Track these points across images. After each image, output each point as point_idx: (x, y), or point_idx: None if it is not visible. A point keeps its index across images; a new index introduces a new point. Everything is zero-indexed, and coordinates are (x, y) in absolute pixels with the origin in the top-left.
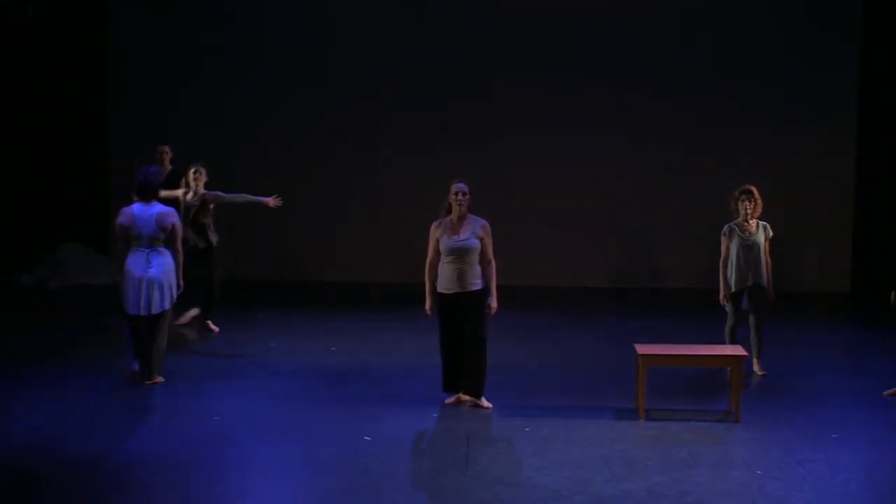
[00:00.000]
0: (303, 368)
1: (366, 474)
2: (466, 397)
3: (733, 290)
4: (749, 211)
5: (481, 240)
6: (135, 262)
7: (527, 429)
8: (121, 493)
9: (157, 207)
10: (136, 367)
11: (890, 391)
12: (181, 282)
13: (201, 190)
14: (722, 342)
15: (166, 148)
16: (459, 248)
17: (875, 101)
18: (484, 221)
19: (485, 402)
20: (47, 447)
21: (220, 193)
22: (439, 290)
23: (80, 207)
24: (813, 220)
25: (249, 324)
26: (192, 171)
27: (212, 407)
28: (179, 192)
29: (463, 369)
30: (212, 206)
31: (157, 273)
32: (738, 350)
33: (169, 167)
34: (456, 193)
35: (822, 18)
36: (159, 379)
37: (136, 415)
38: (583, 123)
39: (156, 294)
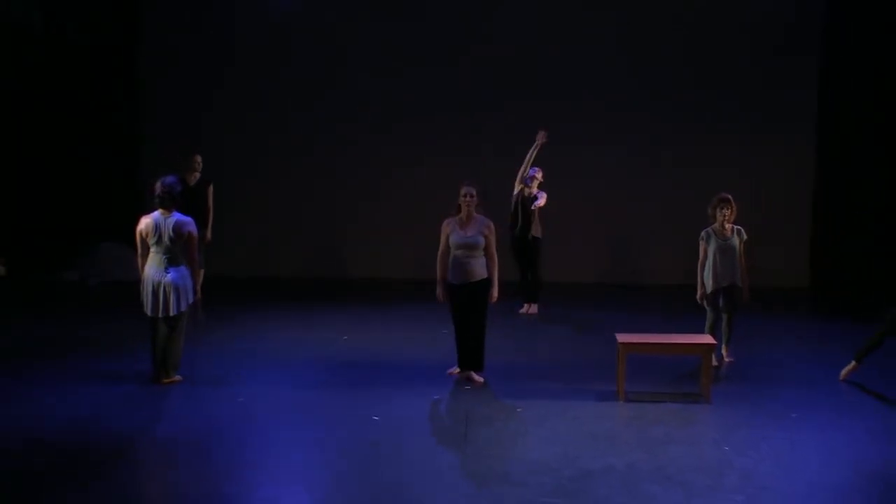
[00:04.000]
0: (318, 356)
1: (374, 451)
2: (465, 371)
3: (710, 290)
4: (726, 217)
5: (486, 237)
6: (153, 268)
7: (519, 409)
8: (159, 464)
9: (176, 216)
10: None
11: (844, 372)
12: (197, 287)
13: (535, 189)
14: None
15: (199, 157)
16: (466, 243)
17: (833, 110)
18: (488, 221)
19: (477, 377)
20: (88, 427)
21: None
22: (449, 280)
23: (117, 209)
24: (775, 221)
25: (265, 316)
26: (533, 170)
27: (235, 391)
28: (525, 182)
29: (467, 348)
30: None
31: (173, 278)
32: (708, 339)
33: (198, 175)
34: (465, 195)
35: (785, 35)
36: (177, 378)
37: (166, 399)
38: (573, 133)
39: (172, 297)
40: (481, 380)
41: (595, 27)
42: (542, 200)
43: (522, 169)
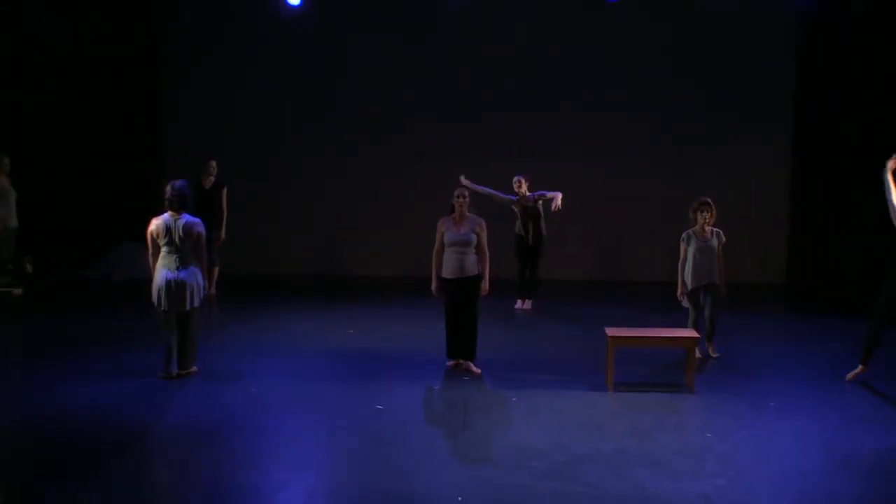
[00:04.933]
0: (324, 350)
1: (377, 438)
2: (462, 361)
3: (690, 288)
4: (706, 220)
5: (478, 234)
6: (165, 267)
7: (514, 399)
8: (175, 452)
9: (185, 217)
10: (174, 368)
11: (850, 375)
12: (207, 283)
13: (527, 193)
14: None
15: (214, 162)
16: (459, 240)
17: (808, 113)
18: (480, 219)
19: (475, 368)
20: (105, 416)
21: (543, 192)
22: (443, 275)
23: (137, 210)
24: (754, 220)
25: (275, 311)
26: (516, 179)
27: (247, 383)
28: (512, 199)
29: (460, 339)
30: (540, 203)
31: (185, 275)
32: (693, 333)
33: (213, 179)
34: (458, 196)
35: (764, 44)
36: (193, 370)
37: (180, 390)
38: (573, 133)
39: (187, 293)
40: (479, 371)
41: (595, 27)
42: (558, 198)
43: (496, 197)
